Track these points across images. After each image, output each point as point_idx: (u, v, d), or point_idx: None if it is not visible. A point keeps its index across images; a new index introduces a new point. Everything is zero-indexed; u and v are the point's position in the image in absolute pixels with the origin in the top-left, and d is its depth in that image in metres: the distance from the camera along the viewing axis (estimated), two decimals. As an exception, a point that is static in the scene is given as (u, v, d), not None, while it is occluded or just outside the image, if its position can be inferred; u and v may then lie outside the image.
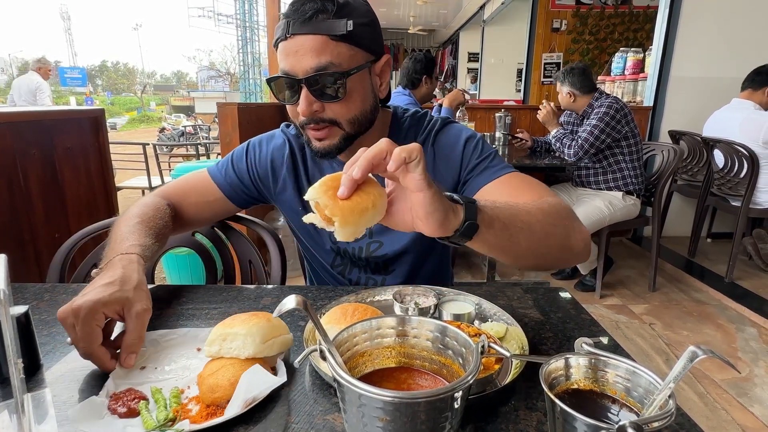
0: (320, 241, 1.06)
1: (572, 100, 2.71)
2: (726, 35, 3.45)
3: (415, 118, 1.01)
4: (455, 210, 0.58)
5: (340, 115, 0.84)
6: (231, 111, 2.45)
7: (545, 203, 0.76)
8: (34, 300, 0.87)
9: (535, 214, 0.71)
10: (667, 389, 0.42)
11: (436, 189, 0.54)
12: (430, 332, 0.54)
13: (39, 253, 1.87)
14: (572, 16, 6.02)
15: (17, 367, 0.45)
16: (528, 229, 0.69)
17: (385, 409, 0.41)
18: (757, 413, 1.79)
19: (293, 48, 0.80)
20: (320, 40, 0.79)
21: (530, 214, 0.70)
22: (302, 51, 0.79)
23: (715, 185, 3.12)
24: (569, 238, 0.76)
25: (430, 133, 0.98)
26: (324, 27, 0.79)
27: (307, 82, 0.80)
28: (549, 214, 0.74)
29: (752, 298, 2.76)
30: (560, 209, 0.77)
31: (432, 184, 0.54)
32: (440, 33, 12.16)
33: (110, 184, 2.31)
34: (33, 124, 1.88)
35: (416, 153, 0.52)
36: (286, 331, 0.67)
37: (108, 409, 0.57)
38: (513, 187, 0.89)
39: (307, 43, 0.79)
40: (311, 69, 0.79)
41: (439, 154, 0.97)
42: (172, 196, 1.03)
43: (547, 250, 0.74)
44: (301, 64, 0.80)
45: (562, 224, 0.75)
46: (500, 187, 0.89)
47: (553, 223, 0.73)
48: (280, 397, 0.58)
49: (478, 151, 0.95)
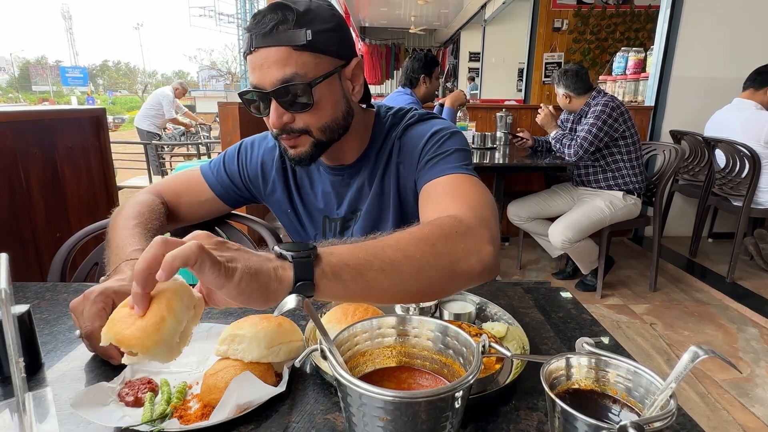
0: (306, 239, 1.06)
1: (568, 102, 2.72)
2: (727, 35, 3.45)
3: (397, 115, 0.99)
4: (278, 276, 0.51)
5: (311, 124, 0.84)
6: (232, 110, 2.46)
7: (433, 225, 0.67)
8: (36, 299, 0.87)
9: (406, 248, 0.61)
10: (669, 389, 0.42)
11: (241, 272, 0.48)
12: (431, 332, 0.54)
13: (40, 252, 1.87)
14: (573, 15, 6.01)
15: (18, 366, 0.45)
16: (392, 270, 0.59)
17: (386, 409, 0.41)
18: (759, 413, 1.78)
19: (258, 61, 0.79)
20: (283, 51, 0.78)
21: (399, 249, 0.60)
22: (267, 64, 0.79)
23: (716, 185, 3.11)
24: (457, 264, 0.65)
25: (401, 126, 0.96)
26: (285, 38, 0.78)
27: (275, 94, 0.80)
28: (427, 241, 0.63)
29: (753, 298, 2.75)
30: (449, 230, 0.67)
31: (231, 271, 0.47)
32: (441, 32, 12.16)
33: (111, 184, 2.31)
34: (34, 123, 1.88)
35: (194, 257, 0.45)
36: (297, 337, 0.66)
37: (118, 395, 0.58)
38: (444, 192, 0.83)
39: (270, 56, 0.78)
40: (277, 81, 0.79)
41: (404, 149, 0.94)
42: (166, 194, 1.03)
43: (425, 284, 0.63)
44: (267, 77, 0.79)
45: (443, 250, 0.64)
46: (437, 188, 0.85)
47: (433, 252, 0.63)
48: (281, 396, 0.58)
49: (437, 145, 0.90)
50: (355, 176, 0.99)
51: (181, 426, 0.53)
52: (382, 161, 0.98)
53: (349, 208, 1.01)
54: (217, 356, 0.63)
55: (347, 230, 1.03)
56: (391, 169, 0.97)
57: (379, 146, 0.97)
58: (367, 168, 0.98)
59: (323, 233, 1.05)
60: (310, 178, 1.03)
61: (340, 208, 1.01)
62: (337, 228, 1.03)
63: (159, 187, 1.05)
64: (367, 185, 0.99)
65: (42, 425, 0.52)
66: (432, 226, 0.67)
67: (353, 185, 1.00)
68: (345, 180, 1.00)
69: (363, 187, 0.99)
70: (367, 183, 0.99)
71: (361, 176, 0.99)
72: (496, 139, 3.38)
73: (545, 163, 2.80)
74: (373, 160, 0.98)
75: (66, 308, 0.83)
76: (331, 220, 1.04)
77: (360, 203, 1.00)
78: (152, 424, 0.53)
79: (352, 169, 0.99)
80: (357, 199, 1.00)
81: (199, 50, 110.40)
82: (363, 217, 1.00)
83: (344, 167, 0.99)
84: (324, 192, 1.02)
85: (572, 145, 2.60)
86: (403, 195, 0.97)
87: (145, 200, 0.97)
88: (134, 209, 0.93)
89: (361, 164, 0.98)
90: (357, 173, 0.99)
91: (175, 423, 0.54)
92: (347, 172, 0.99)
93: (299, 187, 1.04)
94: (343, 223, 1.03)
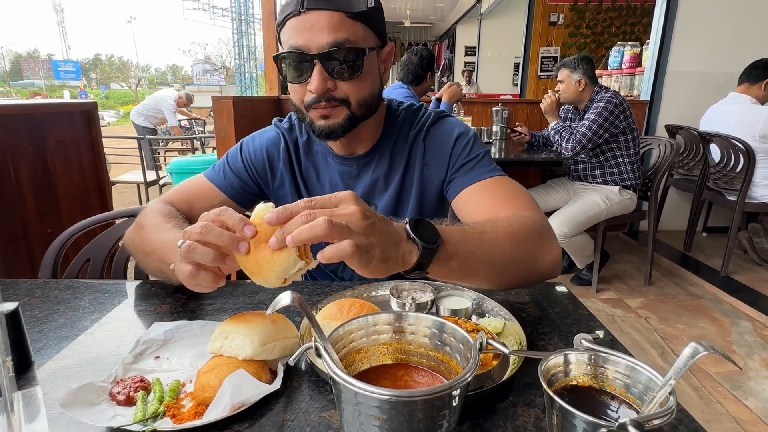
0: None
1: (581, 89, 2.66)
2: (723, 29, 3.45)
3: (410, 111, 1.00)
4: (404, 261, 0.57)
5: (352, 94, 0.82)
6: (226, 105, 2.43)
7: (518, 222, 0.74)
8: (26, 296, 0.86)
9: (500, 242, 0.69)
10: (668, 386, 0.41)
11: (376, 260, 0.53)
12: (428, 328, 0.53)
13: (31, 248, 1.85)
14: (569, 9, 6.00)
15: (6, 365, 0.44)
16: (489, 262, 0.67)
17: (382, 408, 0.40)
18: (752, 406, 1.80)
19: (307, 23, 0.76)
20: (337, 16, 0.76)
21: (496, 244, 0.68)
22: (317, 26, 0.76)
23: (711, 179, 3.12)
24: (535, 262, 0.75)
25: (423, 126, 0.97)
26: (342, 3, 0.76)
27: (321, 58, 0.77)
28: (517, 238, 0.71)
29: (747, 292, 2.77)
30: (531, 229, 0.75)
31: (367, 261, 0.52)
32: (437, 26, 12.10)
33: (104, 179, 2.28)
34: (24, 117, 1.85)
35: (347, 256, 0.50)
36: (292, 334, 0.65)
37: (109, 394, 0.56)
38: (493, 195, 0.87)
39: (322, 19, 0.76)
40: (327, 44, 0.76)
41: (429, 150, 0.96)
42: (177, 203, 0.97)
43: (509, 277, 0.73)
44: (316, 40, 0.76)
45: (529, 248, 0.73)
46: (481, 192, 0.88)
47: (519, 249, 0.71)
48: (275, 394, 0.58)
49: (468, 150, 0.93)
50: (366, 168, 0.98)
51: (174, 425, 0.52)
52: (401, 158, 0.97)
53: None
54: (210, 353, 0.62)
55: None
56: (413, 168, 0.97)
57: (394, 140, 0.96)
58: (383, 162, 0.97)
59: None
60: (316, 169, 1.01)
61: None
62: None
63: (168, 197, 0.99)
64: (382, 180, 0.97)
65: (31, 425, 0.51)
66: (518, 224, 0.74)
67: (365, 177, 0.98)
68: (354, 171, 0.98)
69: (378, 181, 0.98)
70: (383, 178, 0.97)
71: (375, 169, 0.97)
72: (492, 133, 3.37)
73: (542, 158, 2.80)
74: (389, 155, 0.97)
75: (57, 305, 0.82)
76: None
77: (374, 197, 0.99)
78: (144, 424, 0.52)
79: (363, 159, 0.97)
80: (370, 193, 0.98)
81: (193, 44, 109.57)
82: (380, 213, 0.97)
83: (354, 157, 0.97)
84: (332, 183, 1.00)
85: (571, 139, 2.59)
86: (425, 195, 0.97)
87: (162, 208, 0.90)
88: (159, 216, 0.86)
89: (374, 156, 0.97)
90: (368, 164, 0.97)
91: (167, 422, 0.53)
92: (357, 163, 0.97)
93: (306, 179, 1.02)
94: None
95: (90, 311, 0.80)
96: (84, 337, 0.72)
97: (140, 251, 0.83)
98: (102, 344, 0.70)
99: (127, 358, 0.63)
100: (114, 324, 0.76)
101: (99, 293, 0.87)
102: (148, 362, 0.64)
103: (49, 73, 32.68)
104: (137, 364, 0.63)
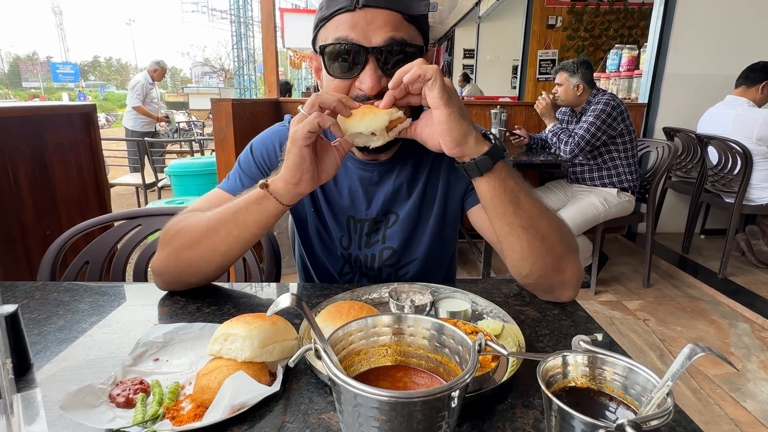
0: (332, 247, 0.99)
1: (578, 93, 2.68)
2: (721, 32, 3.47)
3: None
4: (477, 139, 0.68)
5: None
6: (225, 107, 2.43)
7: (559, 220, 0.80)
8: (25, 298, 0.86)
9: (543, 216, 0.76)
10: (666, 387, 0.41)
11: (457, 112, 0.65)
12: (427, 330, 0.53)
13: (29, 250, 1.85)
14: (567, 12, 6.02)
15: (5, 367, 0.45)
16: (528, 219, 0.75)
17: (381, 409, 0.40)
18: (750, 408, 1.80)
19: (363, 20, 0.74)
20: (395, 16, 0.75)
21: (541, 213, 0.76)
22: (375, 24, 0.74)
23: (708, 182, 3.13)
24: (561, 261, 0.79)
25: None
26: (402, 4, 0.75)
27: (378, 52, 0.74)
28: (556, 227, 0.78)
29: (745, 294, 2.78)
30: (566, 232, 0.80)
31: (451, 105, 0.64)
32: (436, 29, 12.12)
33: (102, 181, 2.28)
34: (22, 119, 1.85)
35: (431, 73, 0.63)
36: (291, 336, 0.65)
37: (108, 396, 0.56)
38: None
39: (380, 17, 0.74)
40: (383, 40, 0.74)
41: (451, 165, 0.93)
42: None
43: (539, 249, 0.77)
44: (372, 35, 0.74)
45: (559, 243, 0.78)
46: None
47: (552, 236, 0.77)
48: (275, 396, 0.58)
49: None
50: (387, 175, 0.94)
51: (174, 427, 0.52)
52: (425, 167, 0.95)
53: (382, 209, 0.95)
54: (209, 356, 0.62)
55: (376, 232, 0.97)
56: (437, 180, 0.95)
57: (418, 149, 0.87)
58: (406, 170, 0.94)
59: (348, 236, 0.97)
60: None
61: (371, 208, 0.95)
62: (365, 230, 0.96)
63: (191, 208, 0.92)
64: (405, 188, 0.94)
65: (31, 427, 0.51)
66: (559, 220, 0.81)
67: (386, 184, 0.94)
68: (376, 177, 0.94)
69: (401, 189, 0.94)
70: (407, 186, 0.94)
71: (398, 177, 0.94)
72: (490, 136, 3.38)
73: (540, 160, 2.80)
74: (413, 164, 0.94)
75: (56, 308, 0.82)
76: (357, 220, 0.96)
77: (395, 206, 0.95)
78: (144, 426, 0.52)
79: (384, 166, 0.94)
80: (392, 201, 0.95)
81: (192, 46, 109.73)
82: (402, 222, 0.95)
83: (376, 164, 0.93)
84: (351, 189, 0.95)
85: (569, 142, 2.59)
86: (449, 203, 0.97)
87: (193, 212, 0.86)
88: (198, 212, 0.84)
89: (396, 164, 0.94)
90: (390, 172, 0.94)
91: (167, 424, 0.53)
92: (378, 170, 0.94)
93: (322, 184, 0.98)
94: (372, 225, 0.96)
95: (89, 313, 0.80)
96: (83, 340, 0.72)
97: (187, 245, 0.80)
98: (101, 346, 0.70)
99: (127, 360, 0.63)
100: (113, 326, 0.76)
101: (98, 295, 0.87)
102: (147, 364, 0.64)
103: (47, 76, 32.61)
104: (137, 366, 0.63)
